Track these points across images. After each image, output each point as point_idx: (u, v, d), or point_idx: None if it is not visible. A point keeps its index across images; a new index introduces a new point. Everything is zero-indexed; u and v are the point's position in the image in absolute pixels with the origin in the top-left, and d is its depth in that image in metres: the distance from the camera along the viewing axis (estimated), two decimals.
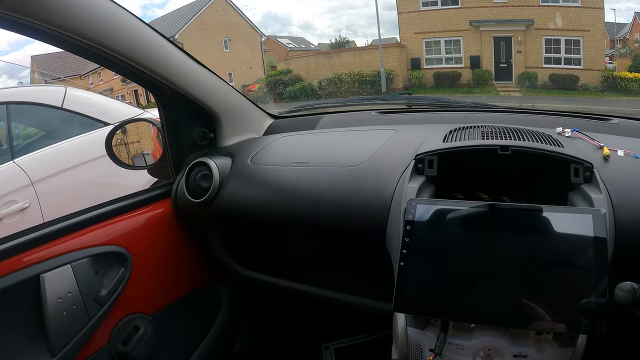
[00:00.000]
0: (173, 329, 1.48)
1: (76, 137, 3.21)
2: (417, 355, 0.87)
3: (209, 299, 1.64)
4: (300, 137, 1.44)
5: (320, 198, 1.13)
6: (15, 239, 1.18)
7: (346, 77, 12.29)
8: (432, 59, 12.43)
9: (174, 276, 1.50)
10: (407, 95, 1.94)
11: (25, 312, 1.19)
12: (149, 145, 2.29)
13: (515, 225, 0.82)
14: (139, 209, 1.40)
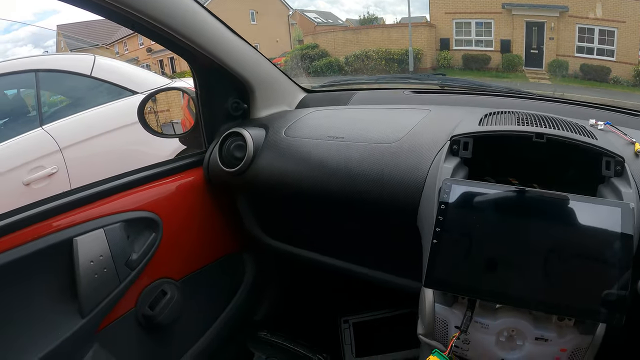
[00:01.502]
0: (198, 295, 1.51)
1: (104, 105, 3.24)
2: (443, 331, 0.88)
3: (234, 268, 1.66)
4: (334, 112, 1.44)
5: (353, 173, 1.13)
6: (49, 203, 1.20)
7: (373, 54, 12.03)
8: (462, 40, 12.04)
9: (202, 243, 1.52)
10: (440, 76, 1.92)
11: (58, 274, 1.21)
12: (178, 115, 2.31)
13: (544, 212, 0.81)
14: (170, 176, 1.42)
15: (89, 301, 1.22)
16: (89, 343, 1.25)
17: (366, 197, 1.12)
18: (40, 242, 1.16)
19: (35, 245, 1.14)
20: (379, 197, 1.09)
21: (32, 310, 1.19)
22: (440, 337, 0.88)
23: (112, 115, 3.21)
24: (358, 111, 1.41)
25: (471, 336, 0.85)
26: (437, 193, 0.91)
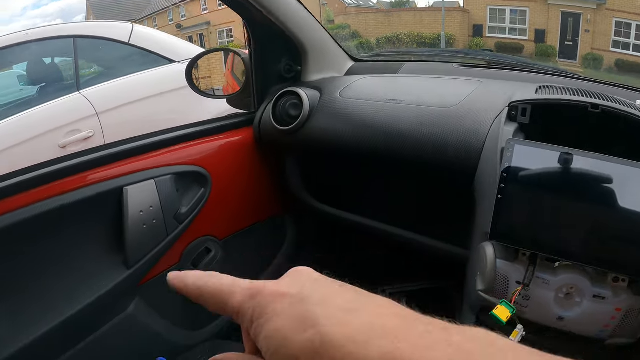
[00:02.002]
0: (239, 255, 1.52)
1: (141, 72, 3.25)
2: (503, 286, 0.89)
3: (275, 230, 1.67)
4: (387, 78, 1.43)
5: (411, 136, 1.13)
6: (101, 151, 1.21)
7: (405, 38, 11.85)
8: (496, 27, 11.78)
9: (247, 203, 1.53)
10: (488, 52, 1.91)
11: (106, 223, 1.23)
12: (219, 82, 2.32)
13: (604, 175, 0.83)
14: (220, 133, 1.42)
15: (135, 252, 1.23)
16: (132, 296, 1.27)
17: (422, 160, 1.12)
18: (90, 189, 1.17)
19: (85, 192, 1.16)
20: (436, 160, 1.10)
21: (79, 258, 1.21)
22: (500, 293, 0.89)
23: (149, 82, 3.22)
24: (412, 78, 1.41)
25: (531, 292, 0.87)
26: (499, 153, 0.94)
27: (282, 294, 0.31)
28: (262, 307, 0.30)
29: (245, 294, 0.32)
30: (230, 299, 0.33)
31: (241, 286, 0.33)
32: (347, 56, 1.62)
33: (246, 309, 0.31)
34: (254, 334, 0.31)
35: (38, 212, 1.09)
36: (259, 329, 0.30)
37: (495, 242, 0.89)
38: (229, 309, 0.33)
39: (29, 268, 1.14)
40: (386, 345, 0.26)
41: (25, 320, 1.10)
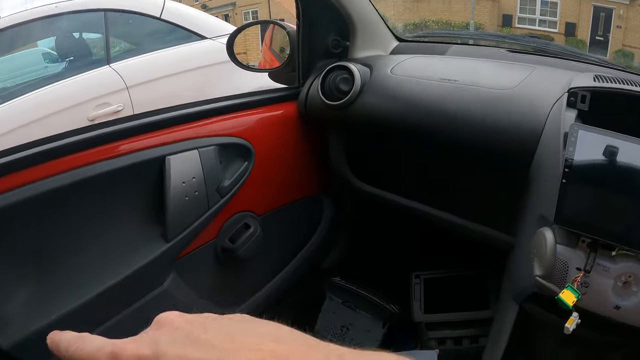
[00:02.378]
0: (277, 233, 1.50)
1: (172, 47, 3.24)
2: (562, 272, 0.87)
3: (313, 209, 1.65)
4: (438, 58, 1.41)
5: (466, 117, 1.11)
6: (143, 119, 1.19)
7: (433, 25, 11.57)
8: (525, 18, 11.49)
9: (288, 180, 1.51)
10: (535, 39, 1.86)
11: (148, 193, 1.20)
12: (254, 58, 2.29)
13: None
14: (264, 106, 1.40)
15: (175, 225, 1.20)
16: (168, 270, 1.25)
17: (478, 142, 1.10)
18: (132, 157, 1.14)
19: (126, 160, 1.13)
20: (493, 143, 1.08)
21: (119, 228, 1.19)
22: (558, 280, 0.88)
23: (180, 58, 3.21)
24: (463, 60, 1.38)
25: (591, 279, 0.85)
26: (561, 138, 0.93)
27: (137, 357, 0.32)
28: (164, 345, 0.32)
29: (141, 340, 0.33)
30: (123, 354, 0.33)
31: (104, 351, 0.34)
32: (393, 35, 1.59)
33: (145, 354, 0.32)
34: None
35: (79, 178, 1.07)
36: None
37: (556, 227, 0.87)
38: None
39: (70, 236, 1.12)
40: None
41: (65, 289, 1.09)
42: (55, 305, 1.05)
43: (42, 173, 1.03)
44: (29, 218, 1.05)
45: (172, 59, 3.20)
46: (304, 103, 1.41)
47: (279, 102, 1.44)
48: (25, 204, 1.01)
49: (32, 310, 1.04)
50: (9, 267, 1.04)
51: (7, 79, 3.42)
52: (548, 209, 0.89)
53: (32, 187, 1.02)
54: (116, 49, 3.44)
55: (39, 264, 1.09)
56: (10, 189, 1.00)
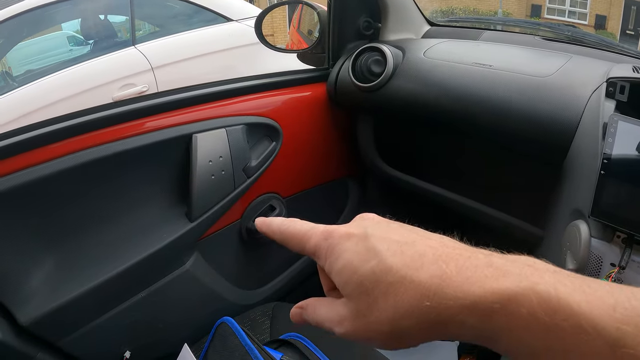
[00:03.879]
0: (302, 216, 1.47)
1: (197, 29, 3.25)
2: (596, 267, 0.85)
3: (338, 193, 1.64)
4: (471, 43, 1.37)
5: (503, 102, 1.08)
6: (170, 96, 1.17)
7: (460, 12, 11.46)
8: (555, 9, 11.18)
9: (315, 162, 1.50)
10: (571, 28, 1.82)
11: (173, 171, 1.20)
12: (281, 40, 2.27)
13: None
14: (293, 87, 1.38)
15: (200, 205, 1.19)
16: (191, 250, 1.25)
17: (513, 130, 1.07)
18: (159, 133, 1.13)
19: (153, 136, 1.12)
20: (529, 131, 1.05)
21: (145, 205, 1.19)
22: (591, 275, 0.85)
23: (205, 40, 3.23)
24: (497, 46, 1.34)
25: (625, 275, 0.83)
26: (600, 128, 0.90)
27: (349, 235, 0.37)
28: (333, 246, 0.37)
29: (319, 236, 0.38)
30: (308, 241, 0.39)
31: (317, 230, 0.39)
32: (424, 19, 1.56)
33: (321, 248, 0.37)
34: (328, 270, 0.36)
35: (105, 154, 1.06)
36: (332, 265, 0.36)
37: (592, 220, 0.85)
38: (307, 250, 0.39)
39: (94, 212, 1.12)
40: (435, 269, 0.31)
41: (87, 267, 1.09)
42: (76, 283, 1.06)
43: (68, 148, 1.03)
44: (54, 194, 1.05)
45: (197, 41, 3.21)
46: (333, 84, 1.39)
47: (308, 83, 1.41)
48: (50, 179, 1.01)
49: (53, 287, 1.05)
50: (30, 243, 1.05)
51: (33, 61, 3.45)
52: (583, 201, 0.86)
53: (58, 162, 1.02)
54: (140, 32, 3.46)
55: (61, 241, 1.09)
56: (36, 164, 1.00)
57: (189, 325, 1.27)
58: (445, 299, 0.29)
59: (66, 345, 1.07)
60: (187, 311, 1.27)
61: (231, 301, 1.35)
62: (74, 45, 3.90)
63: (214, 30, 3.25)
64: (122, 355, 1.17)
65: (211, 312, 1.30)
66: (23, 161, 0.99)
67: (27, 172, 0.98)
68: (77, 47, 3.83)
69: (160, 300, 1.20)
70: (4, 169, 0.97)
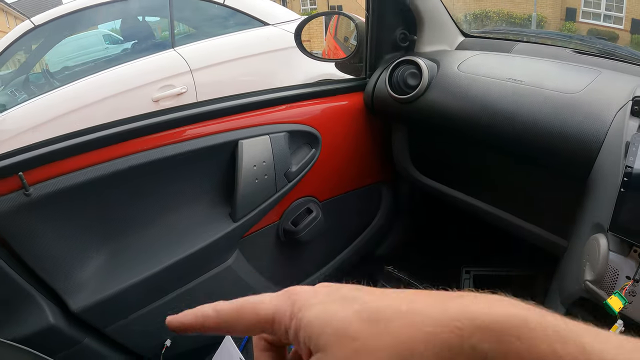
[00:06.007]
0: (336, 219, 1.55)
1: (235, 33, 3.31)
2: (612, 279, 0.88)
3: (371, 199, 1.69)
4: (504, 57, 1.40)
5: (533, 119, 1.10)
6: (218, 104, 1.25)
7: (494, 16, 11.15)
8: (589, 12, 10.88)
9: (350, 168, 1.55)
10: (602, 41, 1.82)
11: (220, 174, 1.28)
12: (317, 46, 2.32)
13: None
14: (331, 96, 1.44)
15: (244, 206, 1.27)
16: (233, 247, 1.33)
17: (541, 146, 1.10)
18: (208, 139, 1.21)
19: (203, 142, 1.20)
20: (556, 147, 1.07)
21: (194, 205, 1.27)
22: (607, 286, 0.88)
23: (242, 43, 3.28)
24: (529, 60, 1.36)
25: (639, 287, 0.85)
26: (623, 146, 0.92)
27: (320, 287, 0.31)
28: (303, 300, 0.30)
29: (279, 297, 0.32)
30: (262, 307, 0.32)
31: (269, 295, 0.32)
32: (459, 30, 1.59)
33: (284, 308, 0.31)
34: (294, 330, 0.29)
35: (160, 156, 1.15)
36: (300, 321, 0.29)
37: (611, 234, 0.87)
38: (262, 317, 0.31)
39: (147, 210, 1.21)
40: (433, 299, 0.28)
41: (137, 260, 1.18)
42: (125, 276, 1.15)
43: (122, 151, 1.12)
44: (107, 194, 1.14)
45: (234, 44, 3.27)
46: (371, 94, 1.44)
47: (346, 92, 1.47)
48: (109, 178, 1.10)
49: (103, 279, 1.14)
50: (84, 239, 1.14)
51: (69, 58, 3.59)
52: (604, 216, 0.89)
53: (112, 164, 1.11)
54: (174, 32, 3.55)
55: (113, 237, 1.19)
56: (97, 163, 1.09)
57: None
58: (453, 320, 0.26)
59: (112, 332, 1.17)
60: None
61: None
62: (110, 43, 4.01)
63: (251, 34, 3.30)
64: (163, 343, 1.26)
65: None
66: (79, 162, 1.08)
67: (83, 172, 1.08)
68: (113, 46, 3.94)
69: (202, 293, 1.28)
70: (61, 170, 1.06)
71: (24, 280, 1.05)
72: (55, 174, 1.06)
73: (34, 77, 3.41)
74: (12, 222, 1.02)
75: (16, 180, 1.01)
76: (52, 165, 1.06)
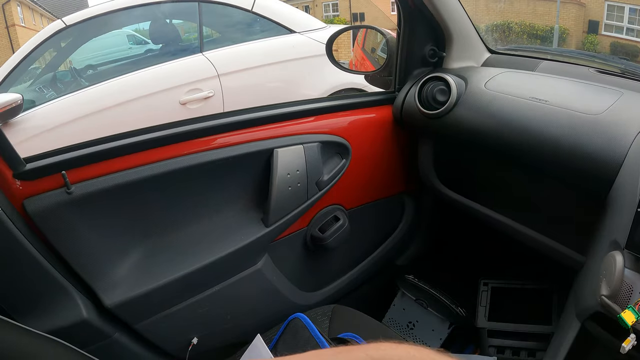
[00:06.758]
0: (361, 227, 1.59)
1: (262, 40, 3.39)
2: (626, 295, 0.89)
3: (395, 208, 1.73)
4: (530, 75, 1.42)
5: (556, 138, 1.13)
6: (254, 113, 1.31)
7: (516, 27, 11.03)
8: (612, 26, 10.69)
9: (377, 179, 1.59)
10: (624, 61, 1.83)
11: (255, 181, 1.33)
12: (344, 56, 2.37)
13: None
14: (362, 109, 1.48)
15: (277, 212, 1.32)
16: (263, 251, 1.38)
17: (563, 164, 1.12)
18: (245, 147, 1.27)
19: (240, 149, 1.26)
20: (577, 166, 1.10)
21: (230, 208, 1.33)
22: (622, 301, 0.90)
23: (269, 50, 3.36)
24: (554, 79, 1.39)
25: None
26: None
27: None
28: None
29: None
30: None
31: None
32: (485, 47, 1.62)
33: None
34: None
35: (199, 162, 1.21)
36: None
37: (627, 252, 0.90)
38: None
39: (183, 212, 1.27)
40: None
41: (171, 260, 1.23)
42: (158, 275, 1.19)
43: (165, 155, 1.18)
44: (149, 194, 1.20)
45: (261, 51, 3.34)
46: (400, 108, 1.48)
47: (375, 105, 1.52)
48: (148, 181, 1.16)
49: (137, 277, 1.19)
50: (123, 236, 1.20)
51: (93, 57, 3.70)
52: (621, 234, 0.90)
53: (156, 167, 1.17)
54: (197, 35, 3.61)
55: (148, 237, 1.24)
56: (137, 166, 1.15)
57: (253, 318, 1.41)
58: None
59: (141, 328, 1.21)
60: (254, 306, 1.41)
61: (291, 300, 1.47)
62: (133, 43, 4.10)
63: (277, 41, 3.37)
64: (190, 341, 1.30)
65: (274, 308, 1.43)
66: (119, 164, 1.14)
67: (123, 174, 1.13)
68: (136, 46, 4.03)
69: (231, 295, 1.33)
70: (102, 170, 1.12)
71: (60, 275, 1.08)
72: (97, 174, 1.10)
73: (61, 75, 3.52)
74: (53, 219, 1.06)
75: (59, 178, 1.05)
76: (94, 165, 1.11)
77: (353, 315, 1.26)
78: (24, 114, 3.00)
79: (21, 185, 1.04)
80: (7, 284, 1.03)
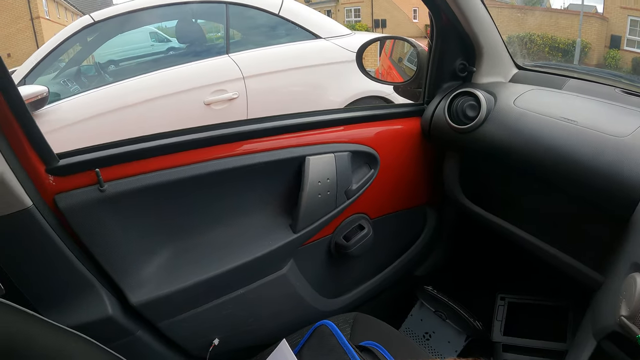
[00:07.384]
0: (384, 236, 1.60)
1: (288, 44, 3.42)
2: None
3: (418, 219, 1.74)
4: (558, 94, 1.43)
5: (583, 159, 1.13)
6: (287, 120, 1.33)
7: (538, 39, 10.91)
8: (635, 41, 10.49)
9: (402, 189, 1.61)
10: None
11: (286, 187, 1.35)
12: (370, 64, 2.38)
13: None
14: (391, 120, 1.50)
15: (305, 219, 1.34)
16: (289, 257, 1.40)
17: (585, 184, 1.13)
18: (278, 153, 1.29)
19: (273, 155, 1.28)
20: (599, 187, 1.10)
21: (260, 213, 1.36)
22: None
23: (295, 54, 3.38)
24: (582, 99, 1.38)
25: None
26: None
27: None
28: None
29: None
30: None
31: None
32: (513, 63, 1.63)
33: None
34: None
35: (233, 165, 1.24)
36: None
37: None
38: None
39: (213, 215, 1.30)
40: None
41: (198, 262, 1.25)
42: (187, 275, 1.22)
43: (198, 157, 1.21)
44: (180, 195, 1.22)
45: (287, 55, 3.37)
46: (429, 121, 1.50)
47: (404, 117, 1.53)
48: (179, 182, 1.19)
49: (164, 277, 1.21)
50: (152, 235, 1.22)
51: (115, 52, 3.77)
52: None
53: (188, 169, 1.19)
54: (219, 34, 3.68)
55: (177, 239, 1.27)
56: (170, 167, 1.18)
57: (275, 322, 1.43)
58: None
59: (164, 327, 1.24)
60: (276, 310, 1.43)
61: (313, 306, 1.49)
62: (155, 41, 4.15)
63: (303, 46, 3.40)
64: (211, 341, 1.32)
65: (295, 313, 1.46)
66: (152, 165, 1.16)
67: (155, 174, 1.16)
68: (158, 43, 4.07)
69: (255, 298, 1.35)
70: (135, 170, 1.15)
71: (88, 271, 1.10)
72: (129, 173, 1.13)
73: (85, 69, 3.57)
74: (84, 215, 1.08)
75: (91, 176, 1.08)
76: (127, 165, 1.13)
77: (374, 324, 1.28)
78: (48, 107, 3.06)
79: (54, 181, 1.07)
80: (34, 276, 1.05)
